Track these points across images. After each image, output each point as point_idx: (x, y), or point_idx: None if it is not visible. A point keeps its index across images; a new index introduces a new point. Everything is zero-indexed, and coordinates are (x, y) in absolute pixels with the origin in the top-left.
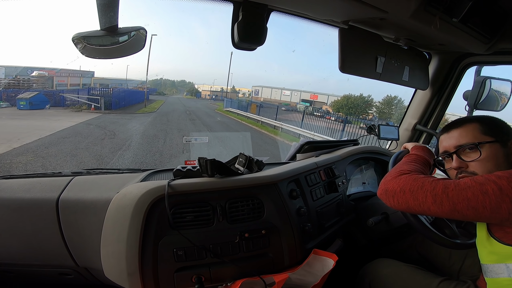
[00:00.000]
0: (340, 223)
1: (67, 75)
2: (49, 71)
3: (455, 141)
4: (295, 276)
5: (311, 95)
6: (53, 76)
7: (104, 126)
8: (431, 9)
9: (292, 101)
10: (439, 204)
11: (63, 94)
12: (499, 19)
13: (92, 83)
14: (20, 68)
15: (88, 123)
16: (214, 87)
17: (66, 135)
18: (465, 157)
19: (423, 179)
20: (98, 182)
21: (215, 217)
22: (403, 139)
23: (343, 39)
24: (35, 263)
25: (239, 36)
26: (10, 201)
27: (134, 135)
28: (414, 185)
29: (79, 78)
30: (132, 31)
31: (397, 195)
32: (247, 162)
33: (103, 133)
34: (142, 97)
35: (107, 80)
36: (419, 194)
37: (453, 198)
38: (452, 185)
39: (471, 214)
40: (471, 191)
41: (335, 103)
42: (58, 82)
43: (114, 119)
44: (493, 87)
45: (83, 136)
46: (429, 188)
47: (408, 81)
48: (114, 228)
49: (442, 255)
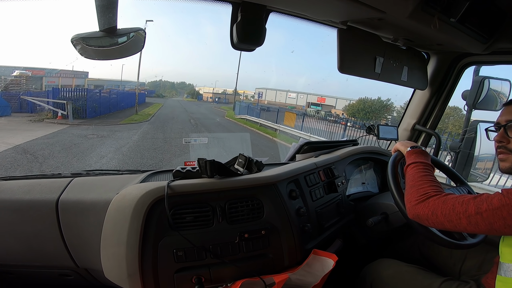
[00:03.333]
0: (339, 223)
1: (58, 76)
2: (37, 71)
3: (509, 115)
4: (295, 276)
5: (318, 98)
6: (42, 76)
7: (45, 157)
8: (429, 9)
9: (298, 104)
10: (474, 225)
11: (25, 97)
12: (497, 19)
13: (86, 84)
14: (3, 68)
15: (24, 148)
16: (216, 89)
17: None
18: (510, 133)
19: (453, 200)
20: (97, 183)
21: (214, 218)
22: (402, 139)
23: (342, 40)
24: (35, 264)
25: (238, 37)
26: (10, 203)
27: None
28: (444, 208)
29: (71, 79)
30: (131, 32)
31: (430, 218)
32: (246, 163)
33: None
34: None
35: (103, 81)
36: (452, 216)
37: (488, 219)
38: (484, 204)
39: (508, 232)
40: (506, 210)
41: (350, 107)
42: (48, 83)
43: (75, 139)
44: (492, 86)
45: None
46: (461, 210)
47: (407, 81)
48: (114, 229)
49: (443, 254)
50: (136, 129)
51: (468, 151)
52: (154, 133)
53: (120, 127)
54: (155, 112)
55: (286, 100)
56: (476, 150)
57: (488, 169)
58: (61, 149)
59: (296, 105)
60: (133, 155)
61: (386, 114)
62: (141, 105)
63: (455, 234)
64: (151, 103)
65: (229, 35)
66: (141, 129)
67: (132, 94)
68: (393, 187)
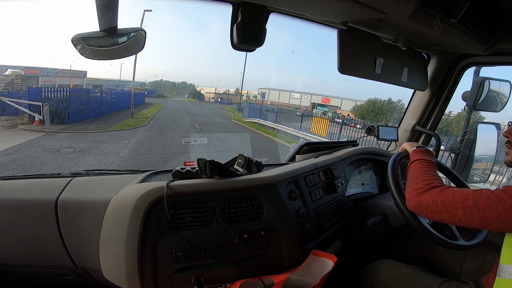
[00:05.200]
0: (339, 224)
1: (54, 75)
2: (32, 70)
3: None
4: (294, 277)
5: (323, 99)
6: (39, 76)
7: None
8: (429, 10)
9: (302, 105)
10: (469, 217)
11: (2, 98)
12: (497, 20)
13: (84, 83)
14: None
15: None
16: (218, 89)
17: None
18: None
19: (454, 191)
20: (97, 183)
21: (214, 218)
22: (402, 140)
23: (342, 40)
24: (34, 264)
25: (238, 37)
26: (9, 202)
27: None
28: (445, 197)
29: (69, 78)
30: (131, 32)
31: (430, 207)
32: (246, 163)
33: None
34: (135, 100)
35: (102, 81)
36: (450, 206)
37: (483, 212)
38: (482, 198)
39: (501, 227)
40: (502, 205)
41: (359, 108)
42: (45, 82)
43: (43, 155)
44: (492, 87)
45: None
46: (459, 201)
47: (407, 82)
48: (113, 229)
49: (443, 255)
50: (128, 138)
51: (468, 152)
52: (150, 144)
53: (109, 135)
54: (153, 115)
55: (289, 101)
56: (476, 151)
57: (488, 170)
58: (15, 173)
59: (300, 105)
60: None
61: (396, 116)
62: (140, 106)
63: (455, 234)
64: (151, 104)
65: (229, 36)
66: (134, 138)
67: (127, 94)
68: (393, 187)
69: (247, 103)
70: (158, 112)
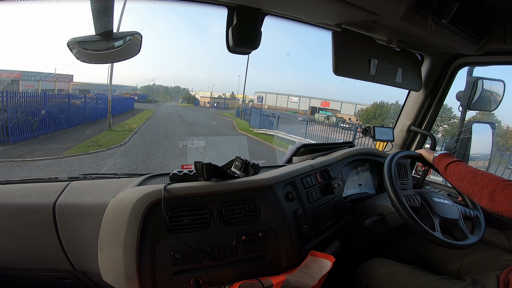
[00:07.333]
0: (337, 225)
1: (37, 79)
2: (10, 74)
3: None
4: (292, 278)
5: (322, 102)
6: (19, 80)
7: None
8: (420, 11)
9: (301, 109)
10: None
11: None
12: (488, 20)
13: (70, 88)
14: None
15: None
16: (213, 94)
17: None
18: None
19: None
20: (94, 186)
21: (211, 220)
22: (398, 140)
23: (337, 42)
24: (32, 267)
25: (234, 40)
26: (7, 206)
27: None
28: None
29: (53, 82)
30: (127, 35)
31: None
32: (243, 166)
33: None
34: (121, 106)
35: (90, 85)
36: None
37: None
38: None
39: None
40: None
41: (364, 112)
42: (26, 87)
43: None
44: (485, 87)
45: None
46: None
47: (401, 82)
48: (111, 232)
49: (440, 255)
50: (88, 169)
51: (463, 151)
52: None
53: (57, 166)
54: (140, 125)
55: (287, 105)
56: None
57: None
58: None
59: (299, 109)
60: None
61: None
62: (126, 113)
63: (457, 235)
64: (141, 110)
65: (225, 39)
66: (100, 170)
67: (118, 99)
68: (389, 187)
69: (255, 109)
70: (147, 121)
